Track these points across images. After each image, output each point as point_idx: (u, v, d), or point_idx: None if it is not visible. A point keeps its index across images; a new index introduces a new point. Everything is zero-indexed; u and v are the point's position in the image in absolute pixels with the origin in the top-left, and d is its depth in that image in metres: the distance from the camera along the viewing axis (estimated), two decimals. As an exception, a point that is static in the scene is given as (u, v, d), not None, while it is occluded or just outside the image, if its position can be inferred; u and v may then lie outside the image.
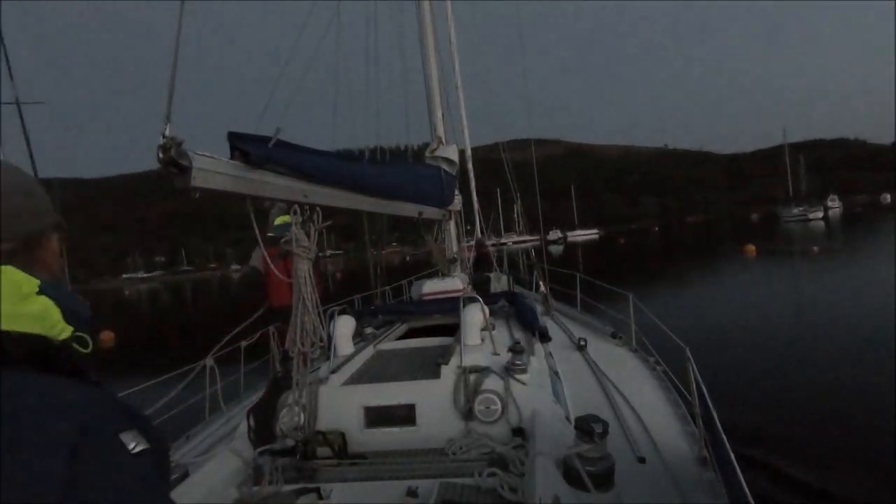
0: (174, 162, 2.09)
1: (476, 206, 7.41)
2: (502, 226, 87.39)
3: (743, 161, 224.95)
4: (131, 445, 0.59)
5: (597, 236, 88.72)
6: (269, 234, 4.70)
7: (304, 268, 2.44)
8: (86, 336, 0.68)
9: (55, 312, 0.64)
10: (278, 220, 4.99)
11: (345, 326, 3.96)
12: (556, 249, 61.63)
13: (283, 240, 2.46)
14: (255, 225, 2.51)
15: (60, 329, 0.64)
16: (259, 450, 2.68)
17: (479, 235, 8.79)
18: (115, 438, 0.58)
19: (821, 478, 4.60)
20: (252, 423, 2.83)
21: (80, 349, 0.66)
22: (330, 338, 3.81)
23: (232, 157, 2.50)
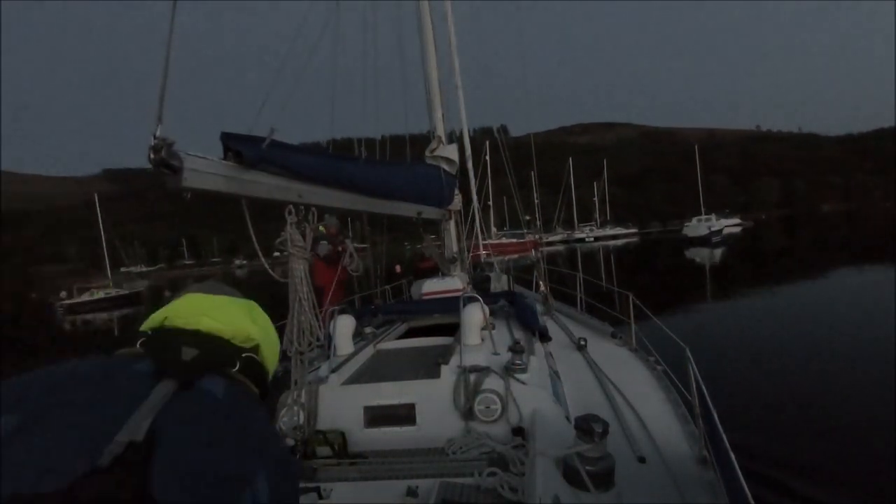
0: (165, 163, 2.07)
1: (476, 205, 7.36)
2: (575, 216, 66.29)
3: (865, 142, 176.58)
4: None
5: (739, 229, 56.47)
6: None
7: (299, 267, 2.43)
8: None
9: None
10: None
11: (345, 326, 3.94)
12: (707, 256, 29.63)
13: (277, 240, 2.45)
14: (249, 225, 2.50)
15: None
16: None
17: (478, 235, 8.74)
18: None
19: (821, 478, 4.56)
20: None
21: None
22: (330, 337, 3.80)
23: (225, 158, 2.49)
